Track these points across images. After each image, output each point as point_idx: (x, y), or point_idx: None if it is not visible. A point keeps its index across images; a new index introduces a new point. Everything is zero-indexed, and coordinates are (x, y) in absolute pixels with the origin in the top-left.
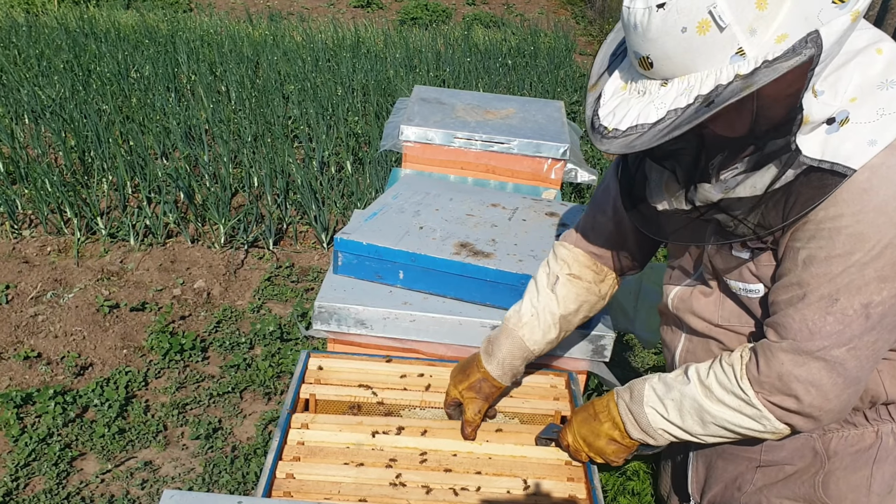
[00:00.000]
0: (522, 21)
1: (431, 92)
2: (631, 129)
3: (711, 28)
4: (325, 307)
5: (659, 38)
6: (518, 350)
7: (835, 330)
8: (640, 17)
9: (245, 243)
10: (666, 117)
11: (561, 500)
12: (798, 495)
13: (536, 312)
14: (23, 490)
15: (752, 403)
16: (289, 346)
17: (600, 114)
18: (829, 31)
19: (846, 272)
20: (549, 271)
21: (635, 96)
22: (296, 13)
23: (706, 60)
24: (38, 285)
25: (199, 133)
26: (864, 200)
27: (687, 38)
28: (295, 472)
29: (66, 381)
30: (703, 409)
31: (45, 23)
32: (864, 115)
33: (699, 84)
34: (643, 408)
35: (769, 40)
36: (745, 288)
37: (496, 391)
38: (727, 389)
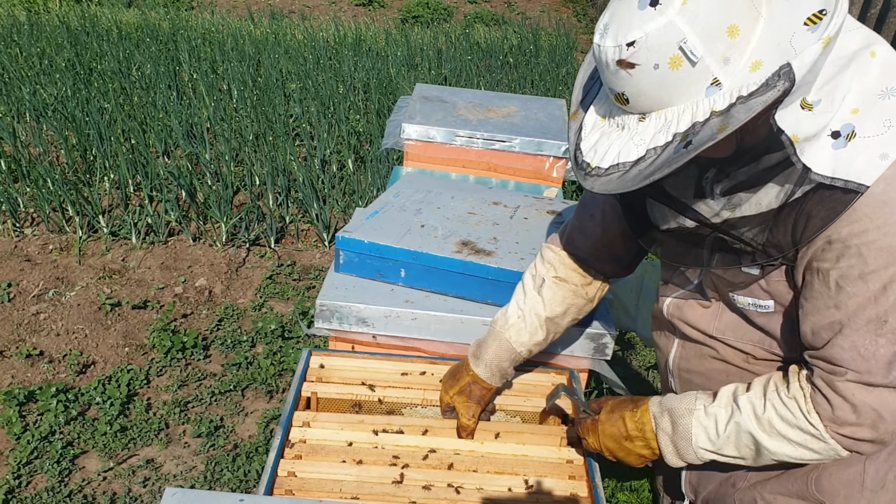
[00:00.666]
0: (524, 19)
1: (433, 90)
2: (613, 168)
3: (683, 63)
4: (326, 305)
5: (632, 77)
6: (505, 352)
7: (891, 352)
8: (611, 55)
9: (247, 241)
10: (646, 156)
11: (562, 498)
12: (791, 491)
13: (523, 314)
14: (25, 488)
15: (822, 438)
16: (290, 344)
17: (582, 147)
18: (801, 64)
19: (886, 289)
20: (536, 273)
21: (615, 130)
22: (297, 11)
23: (682, 94)
24: (40, 283)
25: (201, 131)
26: (887, 212)
27: (660, 74)
28: (297, 470)
29: (68, 379)
30: (760, 444)
31: (47, 21)
32: (871, 129)
33: (676, 120)
34: (691, 447)
35: (743, 68)
36: (754, 303)
37: (487, 393)
38: (792, 425)
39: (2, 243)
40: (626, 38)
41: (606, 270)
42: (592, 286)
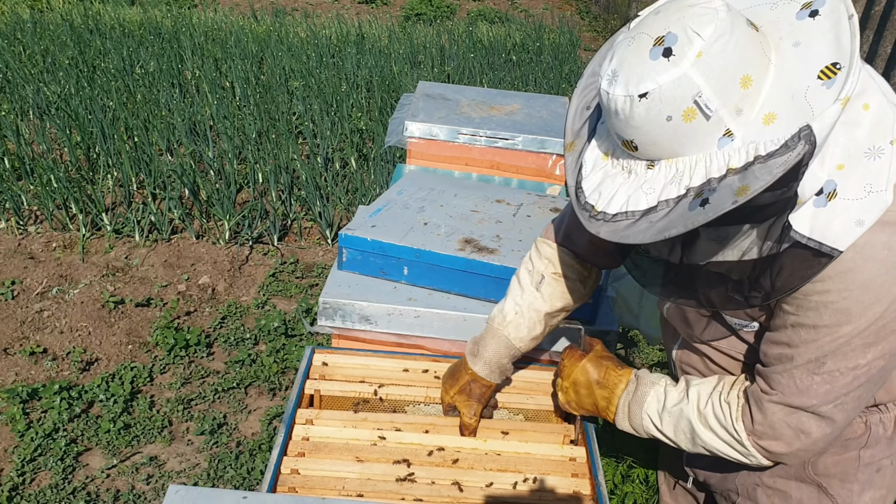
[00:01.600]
0: (527, 16)
1: (436, 88)
2: (620, 215)
3: (697, 116)
4: (329, 303)
5: (643, 126)
6: (504, 349)
7: (822, 390)
8: (621, 104)
9: (250, 239)
10: (658, 207)
11: (565, 495)
12: (790, 474)
13: (521, 310)
14: (29, 485)
15: (742, 443)
16: (293, 341)
17: (584, 188)
18: (821, 126)
19: (833, 341)
20: (533, 269)
21: (621, 173)
22: (300, 9)
23: (694, 145)
24: (43, 281)
25: (204, 129)
26: (850, 279)
27: (672, 125)
28: (300, 467)
29: (72, 376)
30: (695, 432)
31: (50, 19)
32: (852, 191)
33: (688, 171)
34: (641, 411)
35: (756, 119)
36: (739, 323)
37: (487, 390)
38: (721, 425)
39: (5, 241)
40: (639, 88)
41: (603, 264)
42: (590, 279)
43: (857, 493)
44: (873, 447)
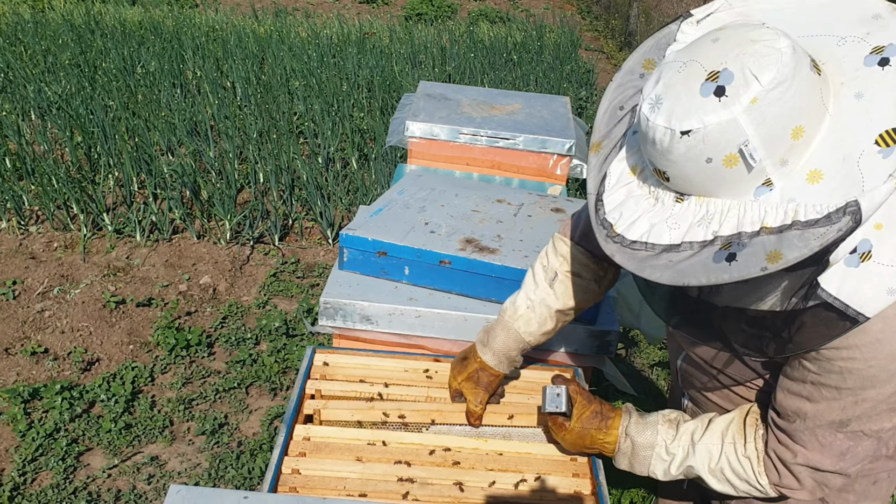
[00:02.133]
0: (528, 16)
1: (437, 87)
2: (639, 245)
3: (739, 164)
4: (330, 303)
5: (679, 162)
6: (513, 342)
7: (845, 447)
8: (660, 135)
9: (251, 239)
10: (681, 247)
11: (566, 495)
12: None
13: (532, 305)
14: (30, 484)
15: (764, 491)
16: (294, 341)
17: (605, 202)
18: (870, 204)
19: (858, 405)
20: (548, 265)
21: (645, 196)
22: (301, 9)
23: (729, 190)
24: (44, 281)
25: (205, 129)
26: (877, 349)
27: (711, 168)
28: (301, 467)
29: (73, 376)
30: (708, 485)
31: (51, 19)
32: (887, 256)
33: (719, 217)
34: (646, 472)
35: (800, 174)
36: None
37: (495, 379)
38: (741, 478)
39: (7, 241)
40: (682, 124)
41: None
42: (606, 278)
43: (852, 502)
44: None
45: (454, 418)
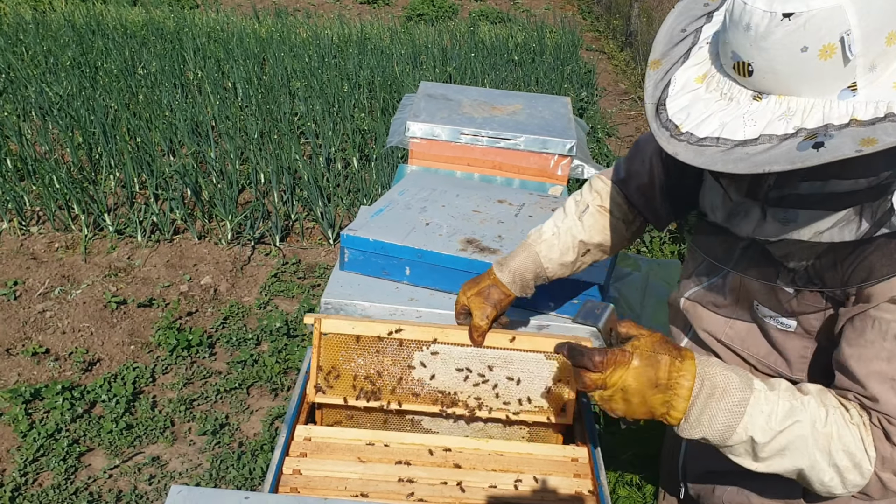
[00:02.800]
0: (529, 17)
1: (438, 88)
2: (709, 140)
3: (836, 56)
4: (331, 303)
5: (772, 50)
6: (531, 264)
7: None
8: (757, 18)
9: (252, 240)
10: (759, 140)
11: (567, 496)
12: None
13: (558, 232)
14: (31, 485)
15: (862, 472)
16: (295, 342)
17: (669, 107)
18: None
19: None
20: (580, 199)
21: (718, 99)
22: (302, 9)
23: (815, 88)
24: (45, 281)
25: (206, 129)
26: None
27: (804, 58)
28: (301, 467)
29: (74, 376)
30: (804, 453)
31: (53, 20)
32: None
33: (802, 113)
34: (739, 421)
35: (886, 81)
36: (776, 319)
37: (505, 298)
38: (845, 450)
39: (8, 241)
40: (785, 7)
41: (648, 216)
42: (633, 225)
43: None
44: None
45: (456, 338)
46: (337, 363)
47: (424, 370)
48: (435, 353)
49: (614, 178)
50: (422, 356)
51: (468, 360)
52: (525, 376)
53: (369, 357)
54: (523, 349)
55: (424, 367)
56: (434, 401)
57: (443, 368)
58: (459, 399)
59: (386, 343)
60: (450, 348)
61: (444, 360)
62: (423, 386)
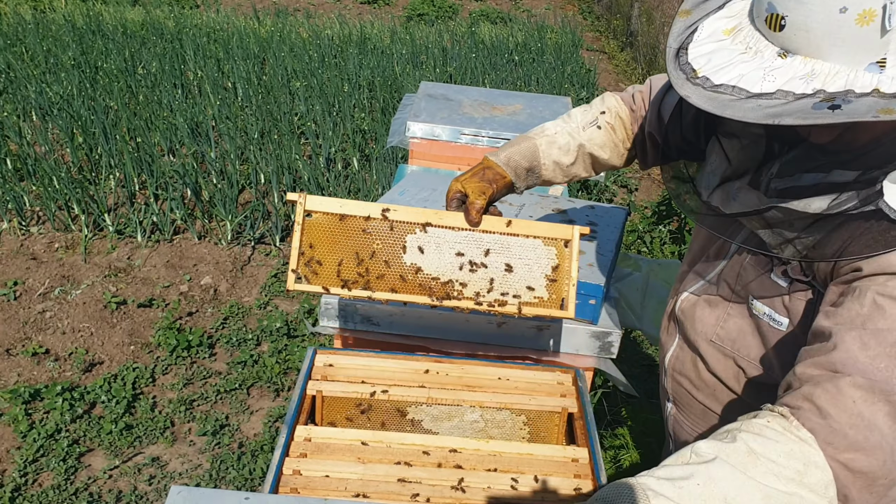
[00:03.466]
0: (529, 17)
1: (438, 88)
2: (725, 87)
3: (874, 23)
4: (331, 304)
5: (810, 5)
6: (529, 153)
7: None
8: None
9: (252, 240)
10: (774, 94)
11: (568, 496)
12: None
13: (560, 132)
14: (31, 485)
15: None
16: (295, 342)
17: (691, 52)
18: None
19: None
20: (590, 110)
21: (742, 51)
22: (302, 10)
23: (844, 54)
24: (45, 282)
25: (206, 130)
26: None
27: (841, 20)
28: (302, 468)
29: (74, 377)
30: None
31: (53, 20)
32: None
33: (825, 77)
34: None
35: None
36: (770, 316)
37: (500, 179)
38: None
39: (8, 242)
40: None
41: (641, 153)
42: (628, 153)
43: None
44: None
45: (451, 221)
46: (320, 247)
47: (416, 256)
48: (428, 238)
49: (627, 104)
50: (414, 240)
51: (463, 244)
52: (522, 264)
53: (356, 240)
54: (521, 234)
55: (417, 253)
56: (427, 290)
57: (436, 254)
58: (454, 289)
59: (375, 224)
60: (444, 232)
61: (438, 245)
62: (415, 273)
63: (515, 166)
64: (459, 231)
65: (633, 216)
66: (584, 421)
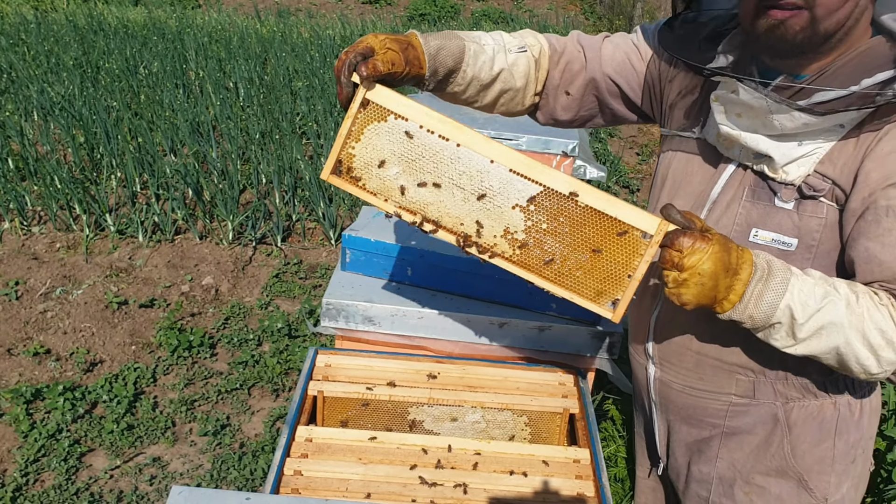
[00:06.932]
0: (531, 16)
1: None
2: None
3: None
4: (333, 304)
5: None
6: (458, 52)
7: None
8: None
9: (253, 240)
10: None
11: (569, 497)
12: (770, 469)
13: (490, 46)
14: (32, 485)
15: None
16: (297, 342)
17: None
18: None
19: None
20: (521, 39)
21: None
22: (304, 9)
23: None
24: (47, 281)
25: (208, 129)
26: None
27: None
28: (303, 468)
29: (76, 377)
30: (840, 329)
31: (55, 19)
32: None
33: None
34: (780, 299)
35: None
36: (777, 240)
37: (416, 66)
38: (878, 328)
39: (9, 241)
40: None
41: (555, 95)
42: (534, 98)
43: (834, 484)
44: (845, 433)
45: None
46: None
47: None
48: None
49: (549, 46)
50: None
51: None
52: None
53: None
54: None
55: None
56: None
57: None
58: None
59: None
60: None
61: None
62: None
63: (440, 64)
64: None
65: None
66: (585, 422)
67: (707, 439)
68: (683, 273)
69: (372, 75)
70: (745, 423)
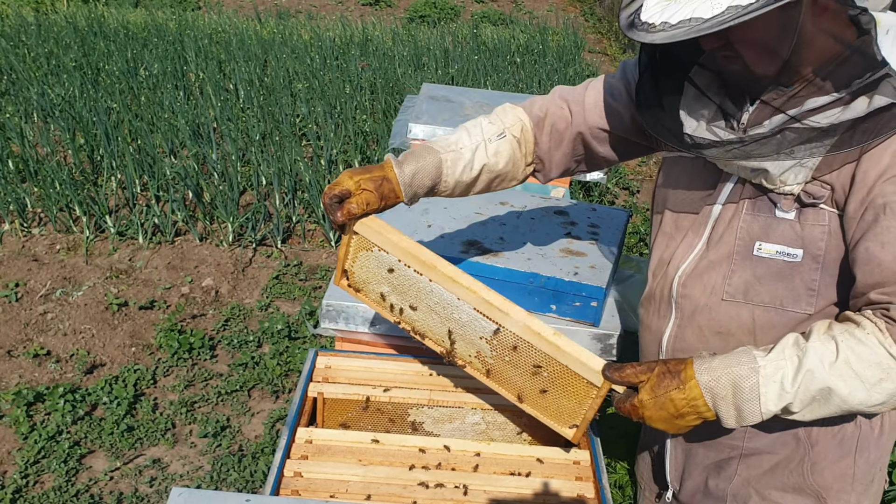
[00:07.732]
0: (531, 18)
1: (440, 89)
2: (682, 23)
3: None
4: (333, 305)
5: None
6: (434, 169)
7: None
8: None
9: (253, 241)
10: (725, 12)
11: (569, 499)
12: (787, 485)
13: (466, 148)
14: (32, 487)
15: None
16: (297, 344)
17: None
18: None
19: None
20: (498, 122)
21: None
22: (304, 11)
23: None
24: (47, 283)
25: (208, 131)
26: None
27: None
28: (303, 470)
29: (76, 378)
30: (833, 392)
31: (55, 21)
32: None
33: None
34: (758, 407)
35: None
36: (782, 252)
37: (392, 197)
38: (870, 363)
39: (10, 243)
40: None
41: (549, 158)
42: (526, 169)
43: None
44: (865, 450)
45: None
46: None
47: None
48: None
49: (533, 118)
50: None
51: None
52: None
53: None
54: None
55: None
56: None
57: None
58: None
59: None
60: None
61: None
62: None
63: (419, 186)
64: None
65: (635, 218)
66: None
67: (726, 459)
68: (645, 420)
69: (347, 219)
70: (764, 443)
